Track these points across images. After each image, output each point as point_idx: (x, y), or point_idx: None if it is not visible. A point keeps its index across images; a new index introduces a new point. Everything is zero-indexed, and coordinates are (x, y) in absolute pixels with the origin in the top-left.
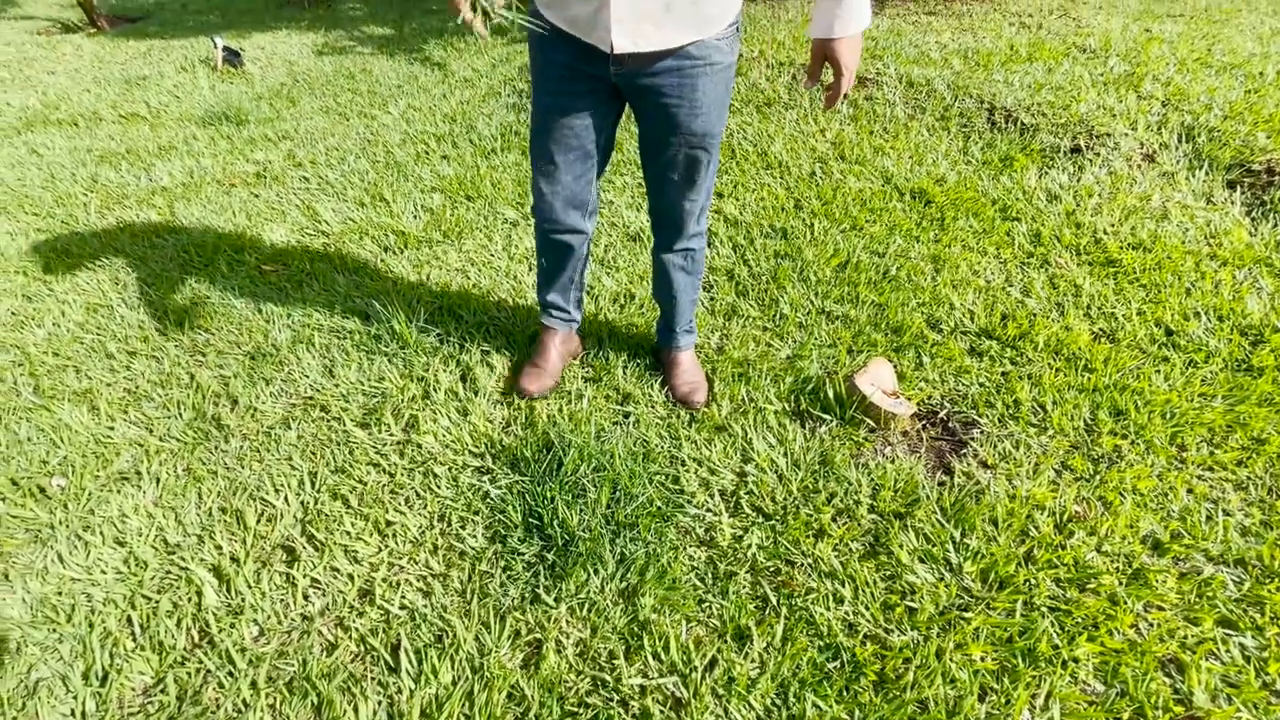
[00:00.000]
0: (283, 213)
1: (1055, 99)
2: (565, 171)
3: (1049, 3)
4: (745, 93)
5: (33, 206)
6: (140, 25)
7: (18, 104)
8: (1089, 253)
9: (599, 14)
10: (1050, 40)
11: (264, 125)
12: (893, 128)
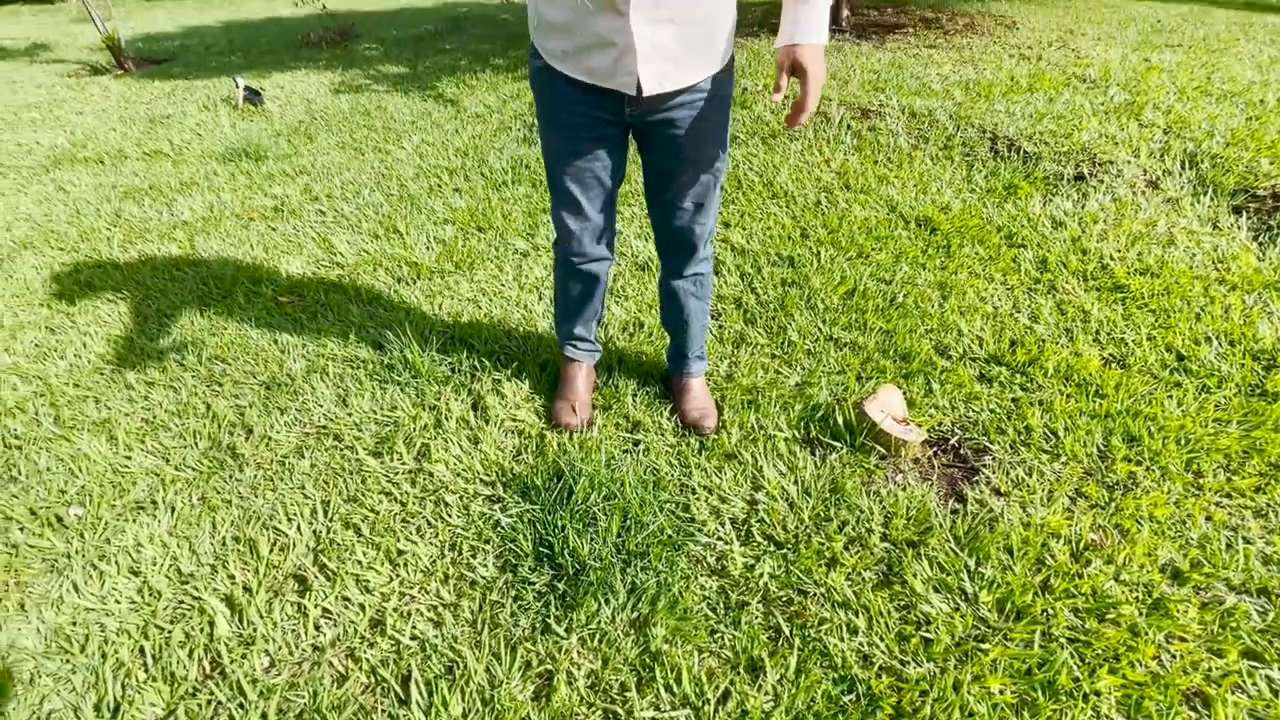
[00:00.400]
0: (299, 245)
1: (1057, 128)
2: (589, 206)
3: (1048, 35)
4: (750, 125)
5: (58, 241)
6: (165, 67)
7: (47, 143)
8: (1096, 278)
9: (622, 60)
10: (1050, 71)
11: (282, 161)
12: (896, 157)
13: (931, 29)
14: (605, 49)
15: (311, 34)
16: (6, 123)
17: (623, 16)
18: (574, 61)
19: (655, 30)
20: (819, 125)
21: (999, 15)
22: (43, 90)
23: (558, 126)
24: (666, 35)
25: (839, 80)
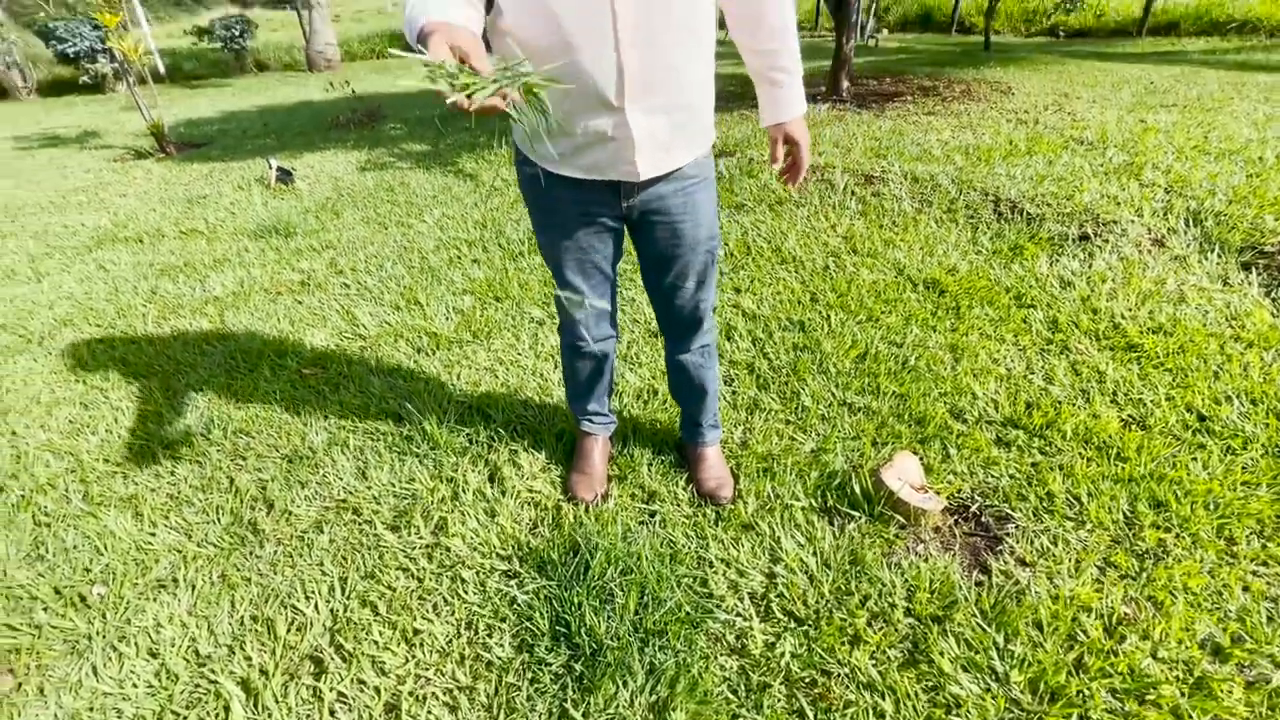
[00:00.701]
0: (323, 318)
1: (1058, 189)
2: (592, 293)
3: (1043, 99)
4: (757, 192)
5: (96, 319)
6: (204, 150)
7: (91, 224)
8: (1109, 338)
9: (621, 152)
10: (1048, 134)
11: (310, 236)
12: (901, 221)
13: (930, 96)
14: (604, 144)
15: (340, 116)
16: (56, 206)
17: (620, 111)
18: (571, 161)
19: (649, 120)
20: (824, 192)
21: (994, 81)
22: (90, 174)
23: (557, 227)
24: (659, 123)
25: (842, 148)
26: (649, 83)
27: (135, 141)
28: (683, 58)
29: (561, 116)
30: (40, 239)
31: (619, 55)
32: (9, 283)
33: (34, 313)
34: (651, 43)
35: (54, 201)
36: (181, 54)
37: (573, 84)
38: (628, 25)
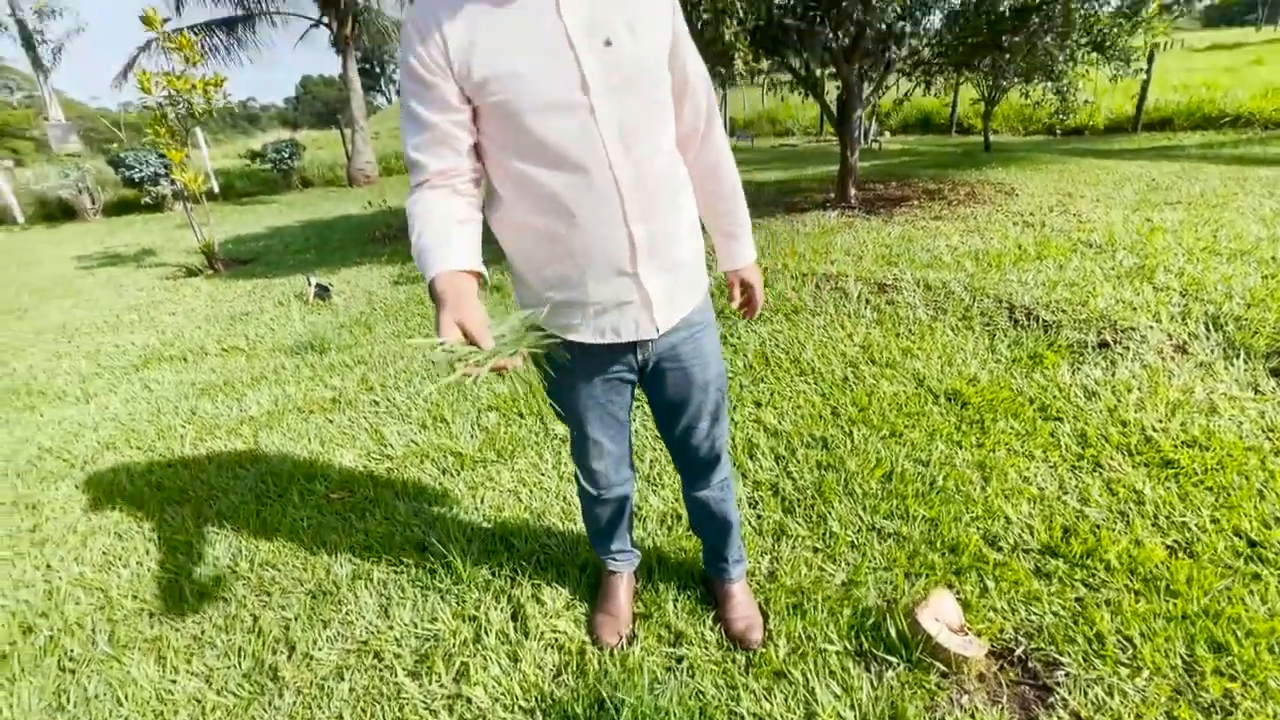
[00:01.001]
0: (353, 437)
1: (1072, 295)
2: (612, 444)
3: (1047, 200)
4: (774, 302)
5: (137, 440)
6: (249, 267)
7: (140, 343)
8: (1141, 453)
9: (639, 312)
10: (1055, 238)
11: (344, 352)
12: (917, 330)
13: (935, 200)
14: (622, 307)
15: (376, 231)
16: (110, 325)
17: (634, 275)
18: (590, 327)
19: (658, 278)
20: (839, 300)
21: (997, 182)
22: (143, 293)
23: (574, 391)
24: (667, 281)
25: (853, 256)
26: (655, 247)
27: (187, 259)
28: (675, 220)
29: (577, 287)
30: (92, 358)
31: (628, 229)
32: (60, 404)
33: (80, 435)
34: (653, 215)
35: (108, 321)
36: (234, 174)
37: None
38: (633, 203)
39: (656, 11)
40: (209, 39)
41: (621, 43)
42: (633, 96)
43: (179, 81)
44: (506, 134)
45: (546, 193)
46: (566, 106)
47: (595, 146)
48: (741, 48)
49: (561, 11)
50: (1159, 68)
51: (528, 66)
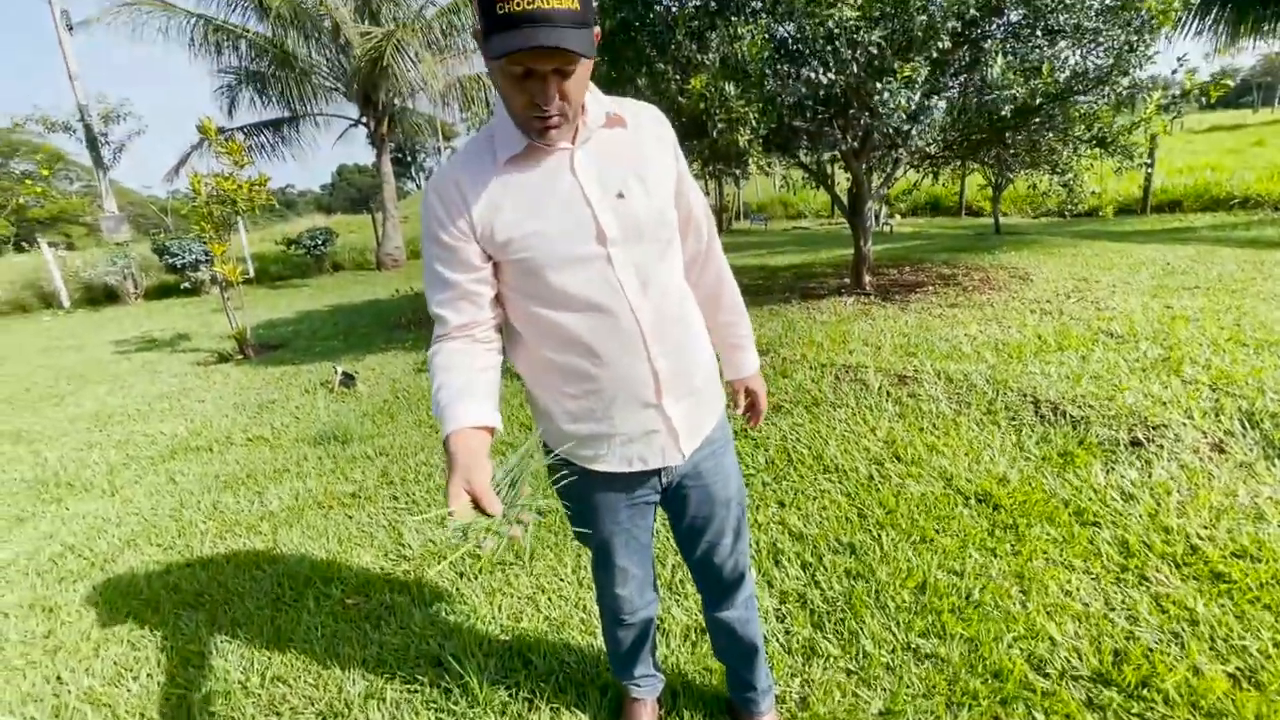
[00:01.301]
0: (371, 536)
1: (1098, 389)
2: (637, 568)
3: (1063, 285)
4: (793, 393)
5: (158, 537)
6: (279, 353)
7: (169, 432)
8: (1189, 564)
9: (665, 440)
10: (1075, 327)
11: (366, 443)
12: (941, 424)
13: (950, 286)
14: (649, 436)
15: (402, 317)
16: (141, 413)
17: (657, 406)
18: (617, 457)
19: (680, 405)
20: (859, 392)
21: (1011, 267)
22: (176, 379)
23: (599, 519)
24: (689, 406)
25: (871, 346)
26: (676, 377)
27: (220, 344)
28: (693, 348)
29: (604, 420)
30: (122, 448)
31: (651, 364)
32: (86, 496)
33: (103, 531)
34: (673, 347)
35: (140, 409)
36: (269, 258)
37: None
38: (654, 339)
39: (661, 159)
40: (256, 137)
41: (633, 194)
42: (646, 241)
43: (226, 182)
44: (528, 284)
45: (570, 334)
46: (586, 258)
47: (615, 291)
48: (755, 152)
49: (576, 170)
50: (1162, 149)
51: (548, 225)
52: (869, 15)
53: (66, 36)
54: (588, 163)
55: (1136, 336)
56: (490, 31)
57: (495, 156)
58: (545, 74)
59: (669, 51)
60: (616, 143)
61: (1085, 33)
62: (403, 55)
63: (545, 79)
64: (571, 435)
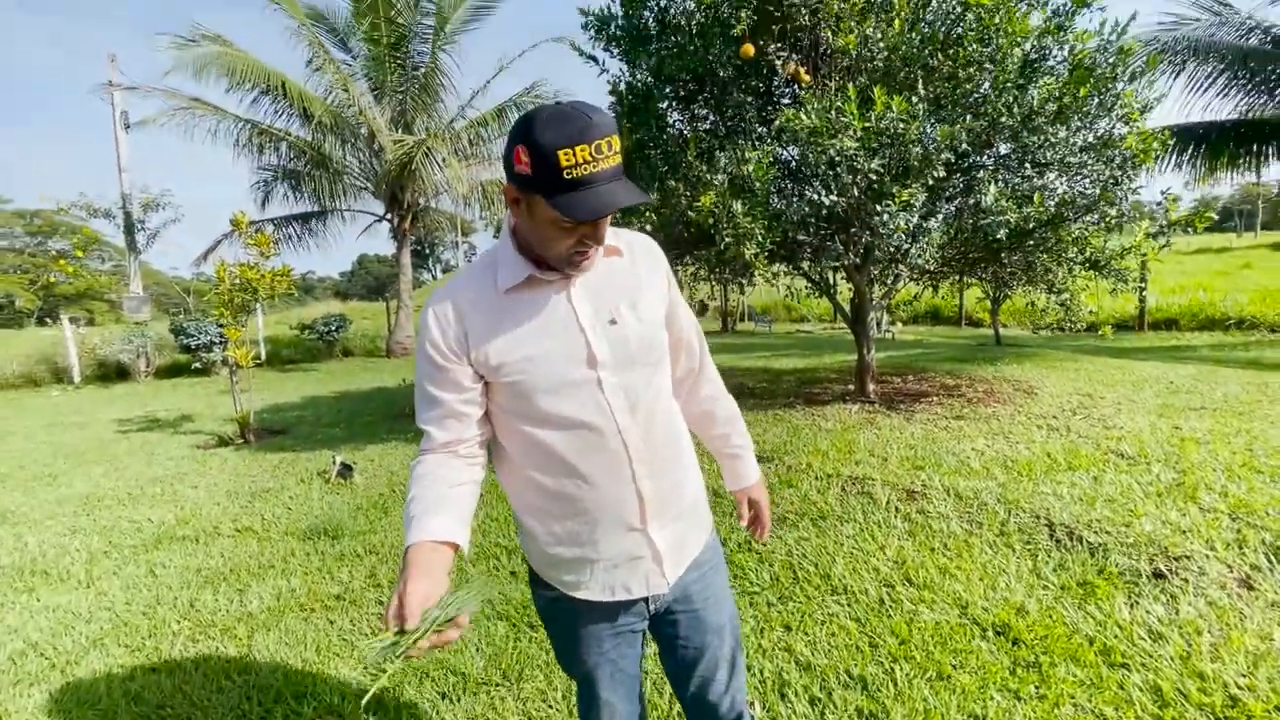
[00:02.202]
0: (351, 645)
1: (1113, 514)
2: (624, 703)
3: (1068, 401)
4: (799, 505)
5: (128, 637)
6: (280, 439)
7: (157, 519)
8: (1230, 718)
9: (651, 565)
10: (1084, 445)
11: (356, 539)
12: (954, 545)
13: (954, 397)
14: (633, 563)
15: (407, 406)
16: (132, 497)
17: (642, 530)
18: (599, 585)
19: (665, 531)
20: (867, 506)
21: (1015, 380)
22: (172, 462)
23: (582, 651)
24: (674, 530)
25: (877, 458)
26: (663, 501)
27: (222, 427)
28: (679, 470)
29: (587, 544)
30: (106, 534)
31: (637, 487)
32: (60, 587)
33: (71, 628)
34: (660, 470)
35: (131, 493)
36: (282, 342)
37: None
38: (641, 462)
39: (655, 286)
40: (285, 228)
41: (625, 320)
42: (637, 365)
43: (251, 272)
44: (519, 405)
45: (557, 454)
46: (577, 382)
47: (604, 413)
48: (760, 264)
49: (573, 298)
50: (1153, 269)
51: (542, 350)
52: (868, 146)
53: (122, 134)
54: (584, 292)
55: (1148, 458)
56: (556, 190)
57: (496, 284)
58: (601, 221)
59: (680, 170)
60: (612, 271)
61: (1071, 166)
62: (431, 160)
63: (599, 225)
64: (554, 559)
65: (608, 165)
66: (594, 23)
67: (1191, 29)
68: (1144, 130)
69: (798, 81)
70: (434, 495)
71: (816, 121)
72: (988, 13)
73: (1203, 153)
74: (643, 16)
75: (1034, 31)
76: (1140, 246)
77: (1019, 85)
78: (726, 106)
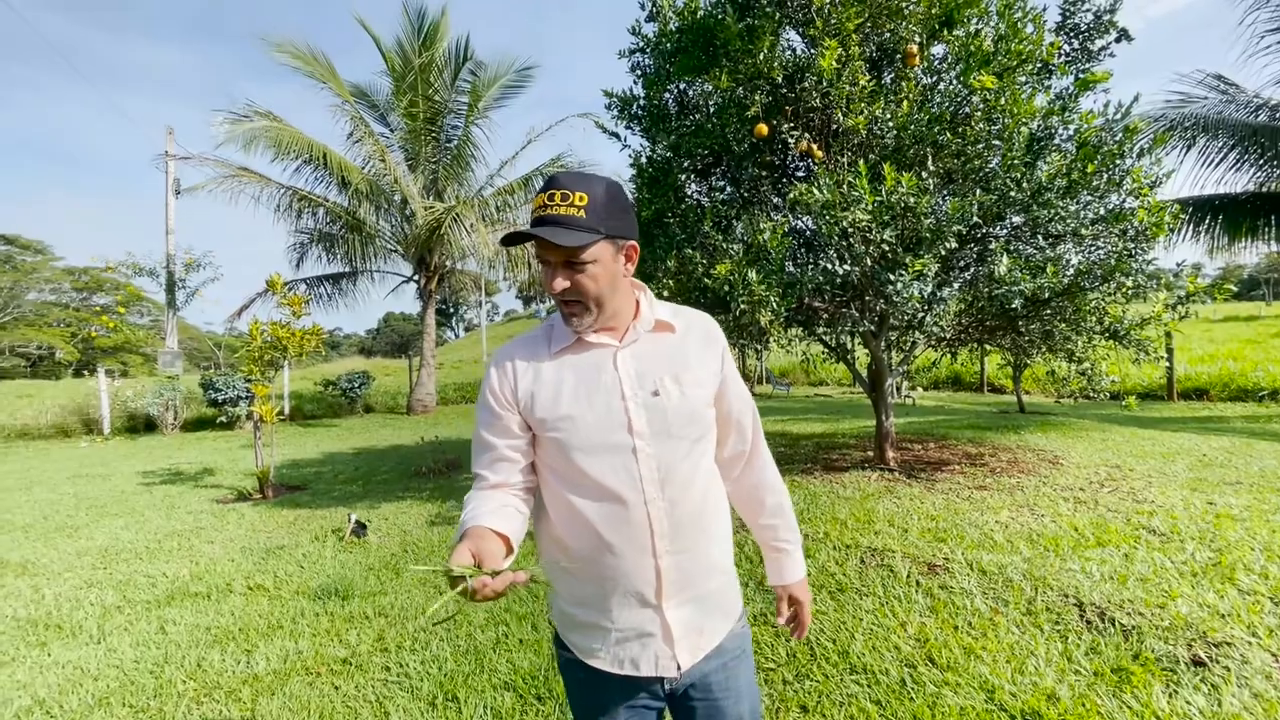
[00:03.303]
0: (355, 712)
1: (1147, 594)
2: None
3: (1095, 472)
4: (817, 577)
5: (133, 697)
6: (297, 495)
7: (171, 574)
8: None
9: (661, 646)
10: (1113, 520)
11: (366, 600)
12: (978, 623)
13: (977, 466)
14: (644, 639)
15: (422, 466)
16: (149, 551)
17: (655, 607)
18: (610, 656)
19: (681, 611)
20: (886, 579)
21: (1039, 449)
22: (191, 516)
23: (596, 714)
24: (691, 612)
25: (897, 528)
26: (681, 580)
27: (242, 482)
28: (705, 550)
29: (601, 612)
30: (120, 589)
31: (656, 561)
32: (72, 642)
33: (78, 685)
34: (682, 548)
35: (149, 546)
36: (306, 397)
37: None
38: (663, 537)
39: (705, 364)
40: (317, 288)
41: (668, 393)
42: (673, 439)
43: (283, 331)
44: (557, 462)
45: (584, 518)
46: (613, 446)
47: (634, 482)
48: (776, 331)
49: (618, 366)
50: (1180, 337)
51: (582, 411)
52: (880, 218)
53: (173, 199)
54: (630, 361)
55: (1181, 535)
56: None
57: (550, 346)
58: (556, 264)
59: (697, 239)
60: (662, 346)
61: (1084, 238)
62: (459, 225)
63: (555, 268)
64: (571, 620)
65: (555, 212)
66: (617, 103)
67: (1199, 106)
68: (1155, 203)
69: (811, 157)
70: (489, 507)
71: (829, 195)
72: (993, 95)
73: (1220, 224)
74: (663, 98)
75: (1039, 111)
76: (1160, 316)
77: (1026, 162)
78: (742, 179)
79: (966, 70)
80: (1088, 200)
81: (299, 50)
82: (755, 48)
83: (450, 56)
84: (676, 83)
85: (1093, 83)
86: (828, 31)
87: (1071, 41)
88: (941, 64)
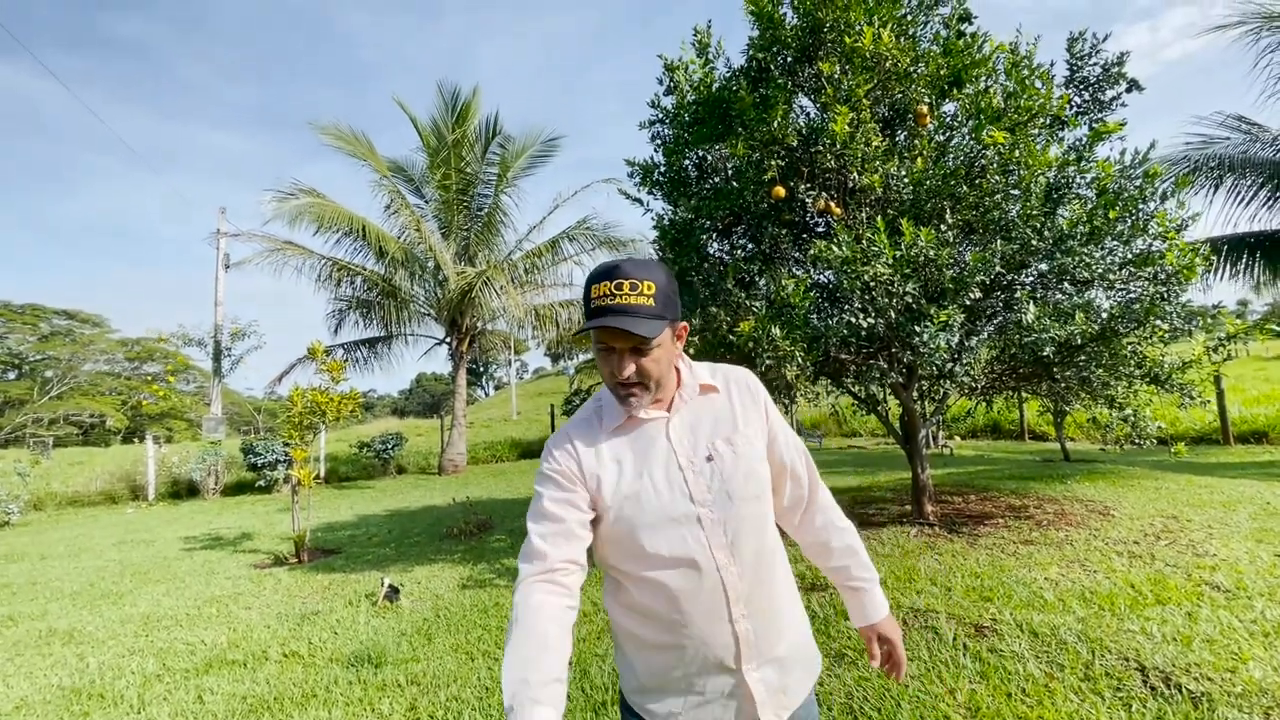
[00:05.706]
0: None
1: (1214, 657)
2: None
3: (1150, 524)
4: (857, 640)
5: None
6: (332, 559)
7: (210, 641)
8: None
9: (742, 707)
10: (1173, 576)
11: (399, 667)
12: (1032, 690)
13: (1022, 519)
14: (726, 701)
15: (454, 527)
16: (189, 618)
17: (735, 671)
18: (693, 717)
19: (762, 672)
20: (931, 643)
21: (1088, 500)
22: (230, 582)
23: None
24: (772, 672)
25: (940, 586)
26: (759, 643)
27: (278, 546)
28: (777, 610)
29: (680, 680)
30: (161, 657)
31: (733, 627)
32: (113, 711)
33: None
34: (757, 610)
35: (189, 613)
36: (341, 459)
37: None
38: (738, 601)
39: (751, 421)
40: (354, 352)
41: (721, 455)
42: (734, 501)
43: (321, 396)
44: (625, 540)
45: (656, 590)
46: (678, 518)
47: (704, 550)
48: (802, 385)
49: (670, 436)
50: (1231, 377)
51: (646, 487)
52: (901, 272)
53: (222, 273)
54: (681, 429)
55: (1248, 591)
56: (587, 316)
57: (602, 424)
58: (622, 351)
59: (720, 296)
60: (709, 408)
61: (1113, 282)
62: (490, 288)
63: (622, 355)
64: (647, 689)
65: (624, 301)
66: (639, 171)
67: (1222, 147)
68: (1183, 245)
69: (829, 214)
70: (537, 646)
71: (848, 252)
72: (1007, 148)
73: (1258, 260)
74: (683, 165)
75: (1055, 162)
76: (1200, 359)
77: (1045, 211)
78: (763, 238)
79: (978, 127)
80: (1113, 245)
81: (342, 132)
82: (769, 116)
83: (481, 131)
84: (695, 150)
85: (1106, 133)
86: (839, 98)
87: (1082, 93)
88: (953, 120)
